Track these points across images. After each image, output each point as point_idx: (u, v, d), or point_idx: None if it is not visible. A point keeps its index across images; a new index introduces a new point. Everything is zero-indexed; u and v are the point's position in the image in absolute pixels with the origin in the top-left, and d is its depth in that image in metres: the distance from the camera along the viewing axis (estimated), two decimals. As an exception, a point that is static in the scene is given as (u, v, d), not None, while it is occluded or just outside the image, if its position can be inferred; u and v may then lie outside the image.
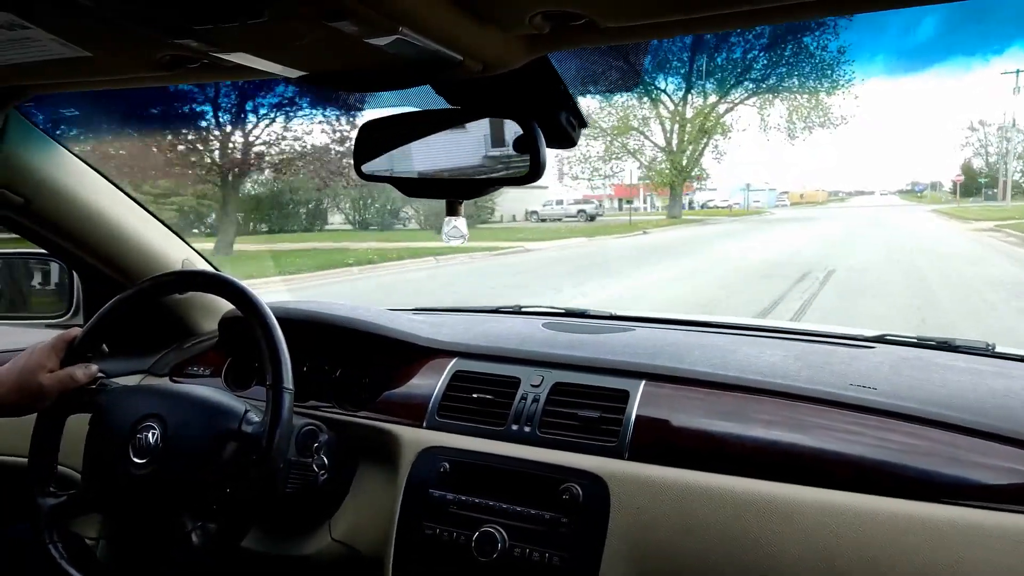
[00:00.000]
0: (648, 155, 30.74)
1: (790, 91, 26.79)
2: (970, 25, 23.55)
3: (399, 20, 0.66)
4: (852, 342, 1.39)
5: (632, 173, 31.12)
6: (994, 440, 0.98)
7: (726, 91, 27.26)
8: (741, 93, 27.52)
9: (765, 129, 28.67)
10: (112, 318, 1.24)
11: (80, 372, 1.18)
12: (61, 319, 1.76)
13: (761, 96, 27.27)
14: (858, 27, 25.50)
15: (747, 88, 27.21)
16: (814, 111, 27.82)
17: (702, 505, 1.04)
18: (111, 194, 1.48)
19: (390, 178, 0.97)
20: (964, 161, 53.60)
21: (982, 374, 1.21)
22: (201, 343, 1.63)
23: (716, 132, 29.07)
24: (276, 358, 1.11)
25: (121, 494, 1.15)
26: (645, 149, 30.64)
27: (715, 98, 27.85)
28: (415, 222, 23.72)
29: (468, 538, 1.14)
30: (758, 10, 0.67)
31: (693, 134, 29.31)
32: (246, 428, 1.12)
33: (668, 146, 29.73)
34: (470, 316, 1.76)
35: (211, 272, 1.39)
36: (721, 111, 28.68)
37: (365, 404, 1.37)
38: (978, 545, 0.90)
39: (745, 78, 26.92)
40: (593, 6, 0.67)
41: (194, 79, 0.96)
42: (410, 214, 24.57)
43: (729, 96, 27.54)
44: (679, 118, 29.31)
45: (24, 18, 0.75)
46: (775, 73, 26.42)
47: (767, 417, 1.10)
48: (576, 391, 1.23)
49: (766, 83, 26.80)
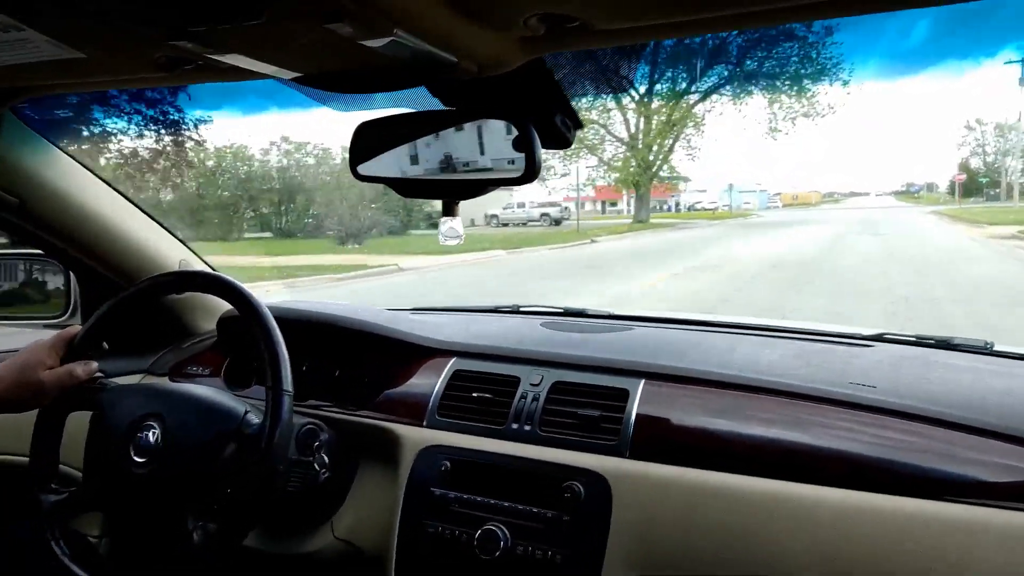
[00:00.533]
0: (610, 151, 26.71)
1: (771, 78, 22.15)
2: (962, 28, 22.75)
3: (394, 22, 0.66)
4: (851, 340, 1.39)
5: (580, 172, 26.94)
6: (993, 438, 0.98)
7: (692, 80, 22.91)
8: (715, 80, 23.03)
9: (743, 119, 26.09)
10: (112, 317, 1.24)
11: (80, 369, 1.18)
12: (58, 320, 1.75)
13: (739, 85, 22.53)
14: (853, 30, 24.35)
15: (721, 75, 22.69)
16: (796, 99, 23.22)
17: (703, 502, 1.05)
18: (107, 195, 1.48)
19: (385, 179, 0.97)
20: (962, 161, 52.78)
21: (981, 372, 1.22)
22: (199, 343, 1.63)
23: (686, 124, 25.06)
24: (275, 359, 1.11)
25: (122, 492, 1.15)
26: (607, 144, 26.56)
27: (684, 85, 23.39)
28: (336, 235, 20.24)
29: (470, 536, 1.14)
30: (751, 12, 0.67)
31: (659, 127, 25.21)
32: (246, 429, 1.12)
33: (632, 141, 25.86)
34: (469, 316, 1.76)
35: (209, 272, 1.39)
36: (692, 100, 24.26)
37: (365, 403, 1.38)
38: (977, 542, 0.90)
39: (718, 62, 22.05)
40: (587, 8, 0.67)
41: (189, 80, 0.96)
42: (333, 225, 20.81)
43: (700, 84, 23.20)
44: (643, 108, 24.91)
45: (19, 19, 0.75)
46: (753, 56, 21.78)
47: (767, 415, 1.10)
48: (576, 390, 1.23)
49: (743, 68, 22.08)
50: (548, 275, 11.76)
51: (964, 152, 52.88)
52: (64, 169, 1.39)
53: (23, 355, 1.18)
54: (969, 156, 51.98)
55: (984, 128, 50.00)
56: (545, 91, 0.85)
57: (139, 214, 1.55)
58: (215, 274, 1.27)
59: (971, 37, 7.63)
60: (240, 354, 1.53)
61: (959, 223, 21.67)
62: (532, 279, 11.31)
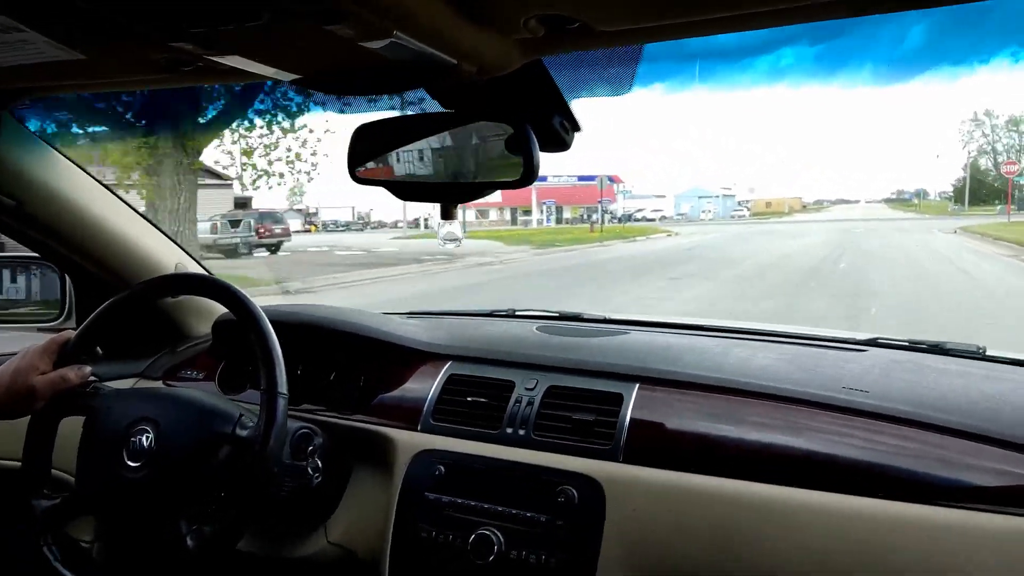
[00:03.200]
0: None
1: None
2: (957, 33, 21.80)
3: (394, 23, 0.66)
4: (844, 345, 1.40)
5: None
6: (984, 442, 0.99)
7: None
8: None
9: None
10: (105, 321, 1.24)
11: (72, 374, 1.18)
12: (54, 323, 1.75)
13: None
14: (848, 34, 24.08)
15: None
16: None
17: (696, 507, 1.05)
18: (104, 198, 1.48)
19: (383, 182, 0.97)
20: (969, 159, 44.93)
21: (973, 377, 1.22)
22: (194, 347, 1.63)
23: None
24: (270, 362, 1.11)
25: (115, 497, 1.15)
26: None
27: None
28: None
29: (464, 541, 1.14)
30: (750, 14, 0.68)
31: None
32: (240, 433, 1.12)
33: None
34: (464, 320, 1.76)
35: (205, 275, 1.39)
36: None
37: (360, 407, 1.37)
38: (970, 546, 0.91)
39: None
40: (587, 10, 0.68)
41: (189, 82, 0.96)
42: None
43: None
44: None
45: (19, 21, 0.75)
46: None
47: (760, 420, 1.10)
48: (570, 394, 1.23)
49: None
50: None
51: (967, 154, 45.02)
52: (62, 172, 1.39)
53: (15, 361, 1.18)
54: (976, 155, 44.56)
55: (995, 121, 43.17)
56: (544, 93, 0.86)
57: (136, 217, 1.55)
58: (210, 277, 1.27)
59: (966, 42, 7.38)
60: (235, 358, 1.53)
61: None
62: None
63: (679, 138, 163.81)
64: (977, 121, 46.58)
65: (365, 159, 0.98)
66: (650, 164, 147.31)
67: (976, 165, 44.72)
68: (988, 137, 44.82)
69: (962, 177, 43.23)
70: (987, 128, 44.57)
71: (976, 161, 45.23)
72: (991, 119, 44.07)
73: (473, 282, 11.88)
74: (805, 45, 0.85)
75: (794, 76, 0.92)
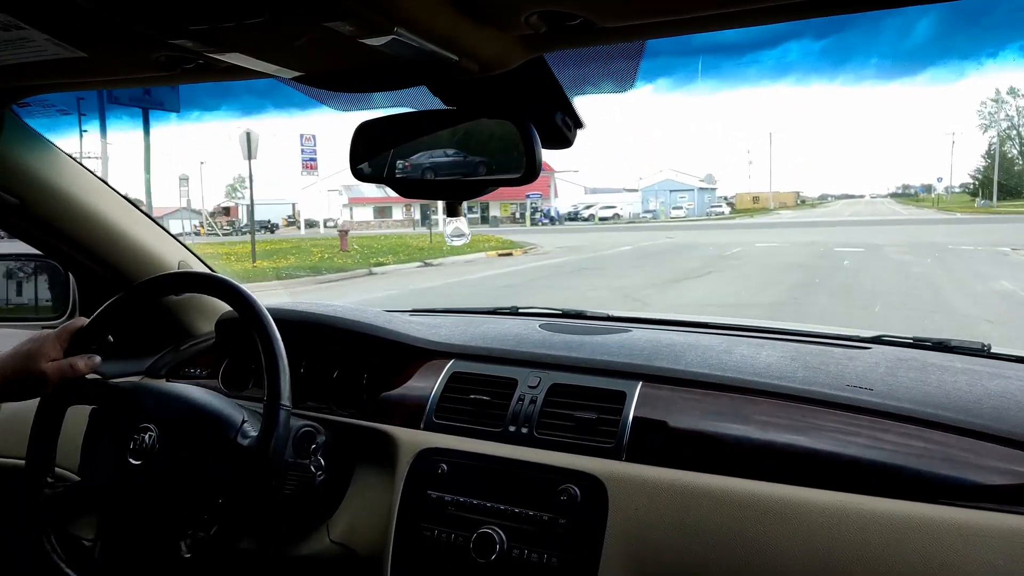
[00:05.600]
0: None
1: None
2: (964, 28, 21.23)
3: (395, 20, 0.66)
4: (849, 343, 1.39)
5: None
6: (989, 440, 0.98)
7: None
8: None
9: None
10: (114, 314, 1.24)
11: (81, 362, 1.19)
12: (57, 322, 1.75)
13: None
14: (852, 29, 23.49)
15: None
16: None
17: (699, 505, 1.04)
18: (107, 196, 1.48)
19: (386, 179, 0.97)
20: (989, 147, 37.52)
21: (978, 375, 1.22)
22: (198, 345, 1.63)
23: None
24: (274, 371, 1.11)
25: (117, 492, 1.15)
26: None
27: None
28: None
29: (466, 539, 1.14)
30: (753, 10, 0.67)
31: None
32: (241, 441, 1.12)
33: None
34: (467, 317, 1.76)
35: (209, 273, 1.39)
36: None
37: (362, 406, 1.37)
38: (973, 545, 0.90)
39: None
40: (589, 6, 0.67)
41: (190, 79, 0.96)
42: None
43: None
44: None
45: (20, 19, 0.75)
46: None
47: (764, 418, 1.10)
48: (573, 392, 1.23)
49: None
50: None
51: (988, 139, 37.24)
52: (65, 169, 1.39)
53: (27, 345, 1.19)
54: (1000, 140, 36.28)
55: (1020, 101, 35.51)
56: (546, 90, 0.86)
57: (139, 215, 1.55)
58: (215, 275, 1.27)
59: (973, 36, 6.93)
60: (238, 356, 1.53)
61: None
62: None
63: (657, 128, 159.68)
64: (1000, 101, 39.59)
65: (367, 156, 0.98)
66: (624, 155, 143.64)
67: (1003, 153, 36.95)
68: (1012, 120, 37.70)
69: (983, 166, 36.01)
70: (1011, 109, 37.62)
71: (997, 150, 37.75)
72: (1016, 98, 36.96)
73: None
74: (810, 40, 0.84)
75: (799, 72, 0.91)
